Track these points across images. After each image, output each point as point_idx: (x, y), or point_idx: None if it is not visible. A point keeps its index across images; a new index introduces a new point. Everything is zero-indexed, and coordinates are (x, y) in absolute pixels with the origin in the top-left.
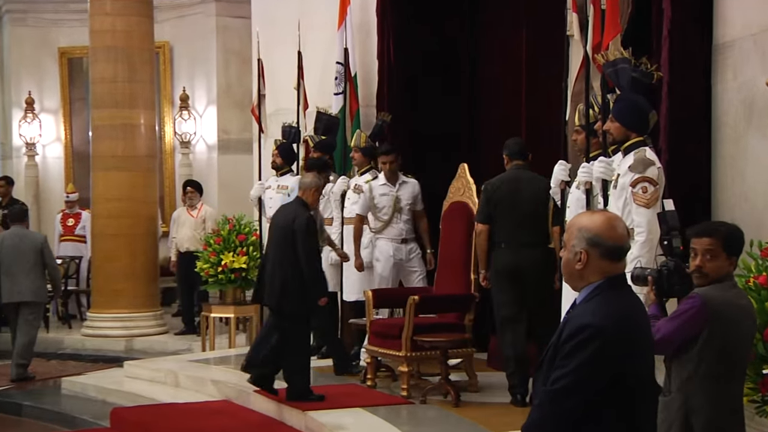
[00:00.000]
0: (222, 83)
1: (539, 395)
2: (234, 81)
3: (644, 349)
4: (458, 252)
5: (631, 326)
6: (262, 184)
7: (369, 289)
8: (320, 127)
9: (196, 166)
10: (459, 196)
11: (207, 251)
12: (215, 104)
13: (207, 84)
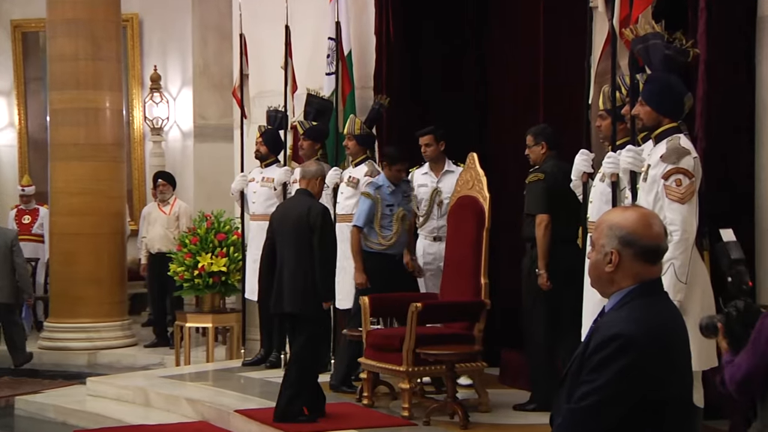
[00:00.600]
0: (199, 62)
1: (562, 414)
2: (212, 59)
3: (682, 364)
4: (467, 253)
5: (668, 337)
6: (245, 176)
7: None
8: (311, 112)
9: (169, 156)
10: (468, 189)
11: (181, 252)
12: (191, 86)
13: (181, 63)
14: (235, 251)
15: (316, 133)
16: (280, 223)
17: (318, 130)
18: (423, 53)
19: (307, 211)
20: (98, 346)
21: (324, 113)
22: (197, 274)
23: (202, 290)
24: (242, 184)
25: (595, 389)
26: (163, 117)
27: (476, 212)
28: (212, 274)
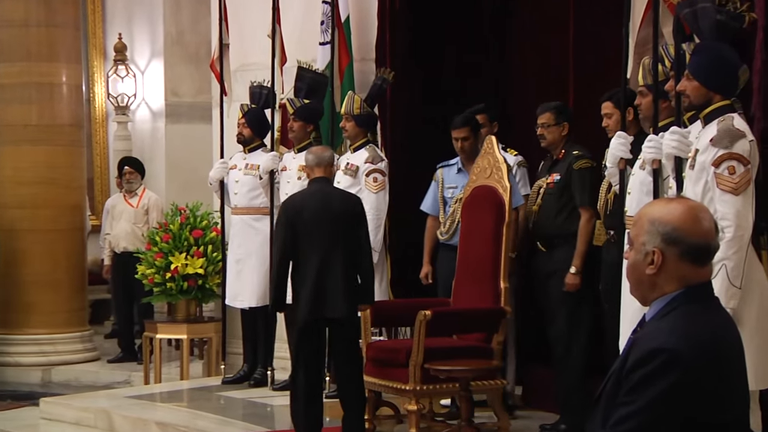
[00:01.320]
0: (171, 30)
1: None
2: (187, 27)
3: (736, 382)
4: (484, 252)
5: (719, 351)
6: (225, 163)
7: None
8: (302, 88)
9: (137, 139)
10: (485, 178)
11: (151, 252)
12: (161, 57)
13: (150, 30)
14: (213, 250)
15: (308, 113)
16: (316, 217)
17: (310, 109)
18: (433, 19)
19: (353, 203)
20: (53, 361)
21: (317, 90)
22: (169, 277)
23: (175, 296)
24: (222, 173)
25: (635, 412)
26: (130, 94)
27: (494, 204)
28: (187, 277)
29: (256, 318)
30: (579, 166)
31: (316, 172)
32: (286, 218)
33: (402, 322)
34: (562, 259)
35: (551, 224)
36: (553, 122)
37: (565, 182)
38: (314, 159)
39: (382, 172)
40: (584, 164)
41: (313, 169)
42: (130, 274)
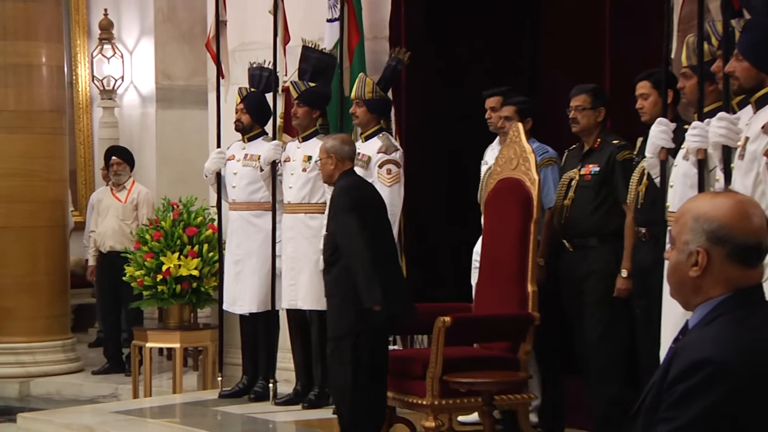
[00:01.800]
0: (162, 5)
1: None
2: (180, 2)
3: None
4: (509, 252)
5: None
6: (222, 153)
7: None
8: (307, 70)
9: (125, 127)
10: (510, 170)
11: (141, 251)
12: (152, 36)
13: (139, 6)
14: (209, 250)
15: (313, 98)
16: (382, 207)
17: (316, 93)
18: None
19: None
20: (32, 372)
21: (324, 72)
22: (161, 279)
23: (167, 300)
24: (219, 164)
25: (677, 429)
26: (116, 76)
27: (521, 199)
28: (180, 279)
29: (257, 325)
30: (623, 157)
31: (346, 165)
32: (365, 204)
33: (418, 330)
34: (600, 260)
35: (586, 221)
36: (588, 105)
37: (606, 174)
38: (349, 152)
39: (396, 163)
40: (627, 155)
41: (344, 162)
42: (118, 276)
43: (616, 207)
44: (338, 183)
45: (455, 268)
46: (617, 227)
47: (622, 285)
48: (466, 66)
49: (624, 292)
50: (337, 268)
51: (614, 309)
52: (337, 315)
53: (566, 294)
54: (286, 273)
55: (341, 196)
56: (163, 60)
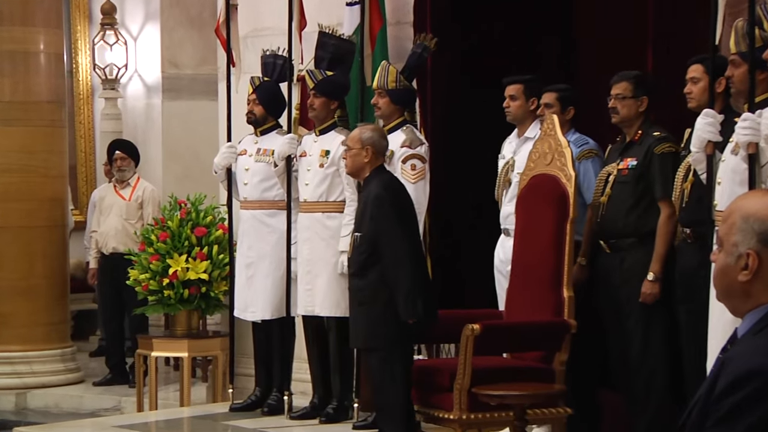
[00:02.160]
0: None
1: None
2: None
3: None
4: (543, 254)
5: None
6: (233, 147)
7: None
8: (325, 58)
9: (129, 119)
10: (545, 165)
11: (146, 253)
12: (157, 21)
13: None
14: (219, 252)
15: (331, 88)
16: (414, 211)
17: (334, 83)
18: None
19: None
20: (29, 383)
21: (343, 59)
22: (167, 283)
23: (173, 306)
24: (229, 159)
25: None
26: (120, 64)
27: (556, 197)
28: (188, 283)
29: (271, 333)
30: (661, 150)
31: (380, 160)
32: (407, 207)
33: (445, 338)
34: (638, 263)
35: (623, 220)
36: (630, 94)
37: (643, 169)
38: (387, 146)
39: (421, 158)
40: (667, 148)
41: (379, 157)
42: (121, 280)
43: (655, 205)
44: (374, 179)
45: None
46: (656, 227)
47: (647, 289)
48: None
49: (650, 297)
50: (375, 273)
51: (655, 316)
52: (374, 324)
53: (602, 299)
54: (302, 277)
55: (383, 195)
56: (169, 47)
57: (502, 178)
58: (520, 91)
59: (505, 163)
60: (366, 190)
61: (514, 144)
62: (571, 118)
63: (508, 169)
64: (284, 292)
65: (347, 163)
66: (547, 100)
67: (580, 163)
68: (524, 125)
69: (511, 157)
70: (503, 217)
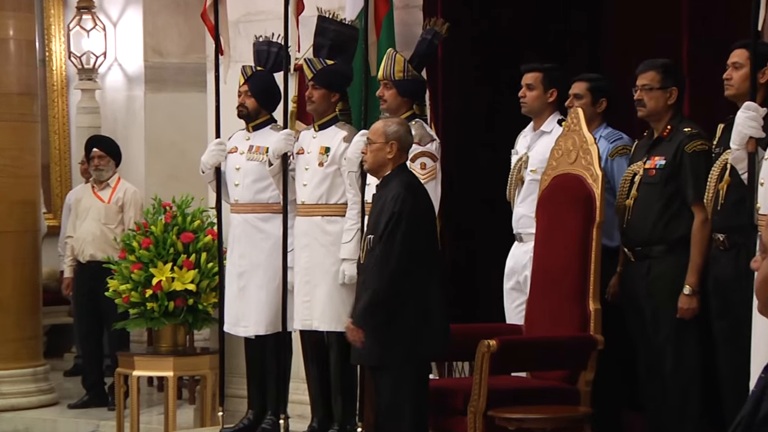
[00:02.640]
0: None
1: None
2: None
3: None
4: (567, 262)
5: None
6: (223, 144)
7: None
8: (325, 45)
9: (108, 113)
10: (569, 164)
11: (127, 261)
12: (139, 5)
13: None
14: (208, 260)
15: (332, 78)
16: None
17: (336, 73)
18: None
19: None
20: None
21: (345, 47)
22: (151, 294)
23: (157, 320)
24: (219, 157)
25: None
26: (98, 52)
27: (581, 198)
28: (174, 295)
29: (265, 350)
30: (693, 148)
31: (403, 158)
32: (431, 216)
33: (458, 355)
34: (667, 274)
35: (650, 225)
36: (657, 85)
37: (673, 169)
38: (411, 142)
39: (432, 156)
40: (699, 146)
41: (403, 154)
42: (99, 291)
43: (685, 209)
44: (395, 178)
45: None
46: (687, 233)
47: (684, 304)
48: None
49: (688, 312)
50: None
51: (687, 331)
52: (384, 339)
53: (627, 312)
54: (300, 288)
55: (404, 195)
56: (152, 33)
57: (514, 175)
58: (539, 80)
59: (518, 159)
60: (384, 189)
61: (529, 138)
62: (603, 110)
63: (521, 166)
64: (280, 304)
65: (367, 158)
66: (576, 90)
67: (613, 160)
68: (540, 118)
69: (524, 152)
70: (515, 219)
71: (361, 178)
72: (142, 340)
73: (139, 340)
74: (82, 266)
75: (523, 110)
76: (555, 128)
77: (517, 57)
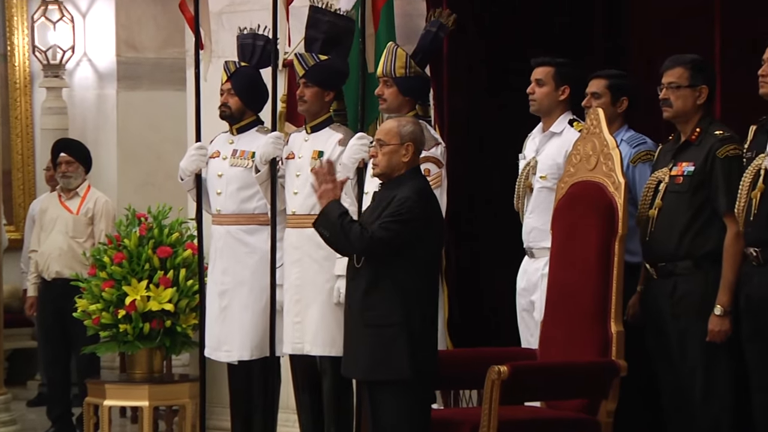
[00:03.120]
0: None
1: None
2: None
3: None
4: (586, 279)
5: None
6: (204, 148)
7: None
8: (318, 38)
9: (77, 113)
10: (588, 171)
11: (96, 278)
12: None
13: None
14: (187, 277)
15: (326, 75)
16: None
17: (329, 69)
18: None
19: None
20: None
21: (340, 40)
22: (124, 315)
23: (131, 344)
24: (199, 163)
25: None
26: (65, 47)
27: (602, 209)
28: (149, 315)
29: (251, 377)
30: (725, 152)
31: (417, 161)
32: (432, 223)
33: (465, 382)
34: (695, 293)
35: (676, 239)
36: (685, 82)
37: (702, 176)
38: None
39: (437, 162)
40: (732, 151)
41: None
42: (66, 312)
43: (715, 220)
44: (406, 182)
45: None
46: (717, 248)
47: (716, 326)
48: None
49: (720, 335)
50: (389, 283)
51: (717, 356)
52: (387, 351)
53: (649, 335)
54: (290, 307)
55: (413, 198)
56: (126, 26)
57: (522, 182)
58: (550, 75)
59: (526, 164)
60: (388, 189)
61: (537, 140)
62: (623, 111)
63: (528, 172)
64: (267, 326)
65: (379, 162)
66: (594, 88)
67: (635, 167)
68: (550, 118)
69: (533, 156)
70: (526, 232)
71: (358, 186)
72: (114, 366)
73: (111, 366)
74: (47, 284)
75: (532, 108)
76: (566, 129)
77: (530, 51)
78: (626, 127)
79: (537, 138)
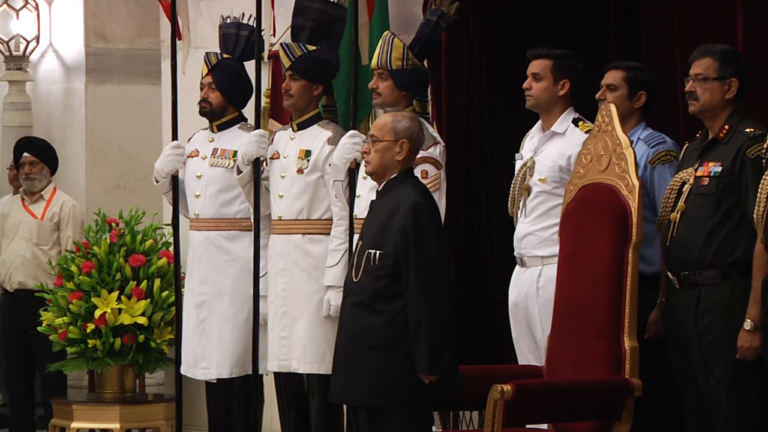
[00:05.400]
0: None
1: None
2: None
3: None
4: (597, 291)
5: None
6: (181, 147)
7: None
8: (306, 27)
9: (42, 110)
10: (599, 172)
11: (63, 289)
12: None
13: None
14: (162, 288)
15: (314, 67)
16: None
17: (318, 60)
18: None
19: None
20: None
21: (330, 30)
22: (93, 330)
23: (101, 360)
24: (176, 163)
25: None
26: (29, 37)
27: (614, 213)
28: (121, 330)
29: (231, 396)
30: (757, 152)
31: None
32: (440, 228)
33: (465, 403)
34: (721, 304)
35: (701, 245)
36: (714, 74)
37: (731, 177)
38: (423, 140)
39: (436, 163)
40: (760, 150)
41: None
42: (29, 326)
43: (745, 226)
44: (403, 184)
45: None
46: (746, 256)
47: (745, 342)
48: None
49: (749, 352)
50: (396, 307)
51: (744, 374)
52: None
53: (672, 351)
54: (275, 321)
55: (423, 204)
56: (96, 14)
57: (517, 185)
58: (548, 68)
59: (523, 164)
60: (389, 196)
61: (536, 140)
62: (641, 106)
63: (525, 173)
64: (249, 341)
65: (371, 159)
66: (610, 80)
67: (654, 169)
68: (550, 116)
69: (530, 157)
70: (517, 238)
71: (350, 188)
72: (82, 385)
73: (79, 386)
74: (9, 295)
75: (528, 104)
76: (570, 129)
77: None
78: (644, 125)
79: (536, 137)
